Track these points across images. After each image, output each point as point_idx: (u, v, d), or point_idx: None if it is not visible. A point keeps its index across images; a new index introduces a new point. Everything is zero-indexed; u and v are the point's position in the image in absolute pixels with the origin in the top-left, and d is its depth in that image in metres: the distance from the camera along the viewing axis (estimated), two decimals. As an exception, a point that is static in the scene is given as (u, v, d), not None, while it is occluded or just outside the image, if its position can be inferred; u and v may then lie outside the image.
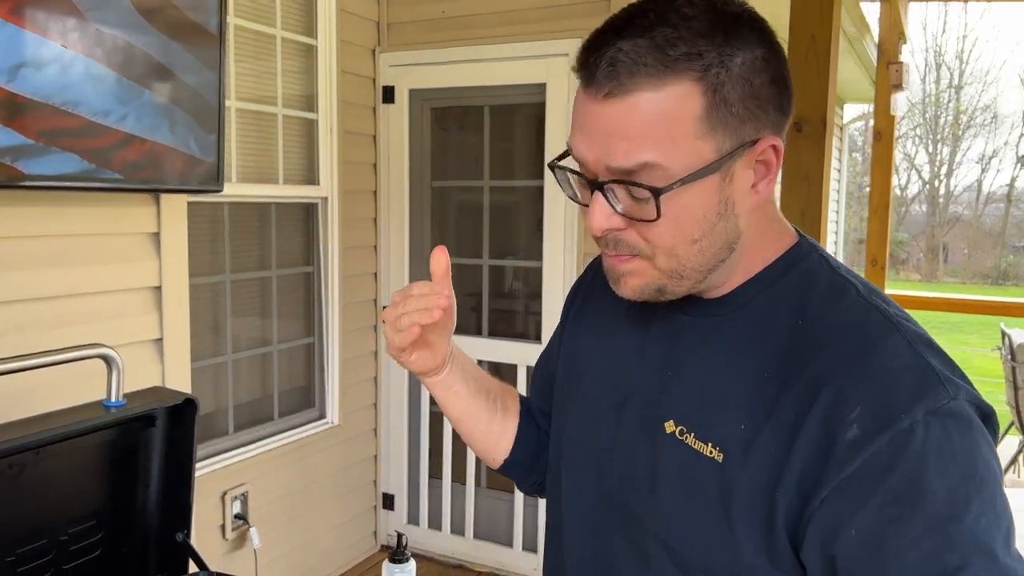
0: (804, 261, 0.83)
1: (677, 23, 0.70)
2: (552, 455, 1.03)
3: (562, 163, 0.81)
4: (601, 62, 0.71)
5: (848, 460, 0.69)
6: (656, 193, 0.72)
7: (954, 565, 0.66)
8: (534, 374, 1.16)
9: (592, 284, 1.03)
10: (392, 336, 0.92)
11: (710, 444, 0.78)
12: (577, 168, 0.78)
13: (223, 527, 2.73)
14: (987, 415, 0.73)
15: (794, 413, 0.73)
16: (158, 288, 2.20)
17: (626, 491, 0.86)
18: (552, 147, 3.08)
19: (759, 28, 0.74)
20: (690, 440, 0.80)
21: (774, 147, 0.76)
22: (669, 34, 0.70)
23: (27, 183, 1.72)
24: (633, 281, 0.80)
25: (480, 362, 3.33)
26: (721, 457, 0.77)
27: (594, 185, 0.75)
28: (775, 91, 0.75)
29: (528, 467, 1.11)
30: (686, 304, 0.85)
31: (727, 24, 0.71)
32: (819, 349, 0.75)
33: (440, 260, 0.91)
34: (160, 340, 2.21)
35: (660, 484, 0.82)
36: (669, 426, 0.82)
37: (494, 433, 1.08)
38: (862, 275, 0.91)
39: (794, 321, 0.78)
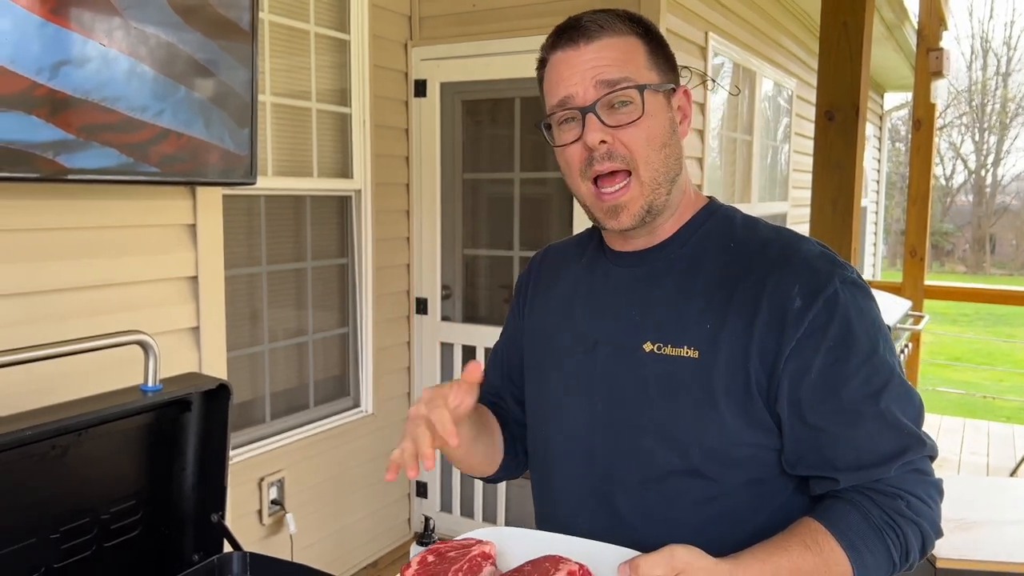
0: (720, 210, 1.12)
1: (613, 11, 1.06)
2: (532, 414, 1.21)
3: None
4: (579, 27, 1.03)
5: (799, 323, 0.96)
6: (641, 89, 1.01)
7: (879, 385, 0.97)
8: (495, 361, 1.32)
9: (539, 275, 1.26)
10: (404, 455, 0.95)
11: (685, 347, 1.02)
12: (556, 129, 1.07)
13: (260, 512, 2.80)
14: (868, 287, 1.03)
15: (747, 304, 0.99)
16: (194, 278, 2.27)
17: (615, 408, 1.07)
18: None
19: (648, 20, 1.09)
20: (668, 351, 1.03)
21: (686, 92, 1.10)
22: (615, 13, 1.05)
23: (68, 177, 1.78)
24: (632, 207, 1.03)
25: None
26: (696, 354, 1.01)
27: (585, 111, 1.02)
28: (674, 58, 1.09)
29: (512, 464, 1.27)
30: (634, 261, 1.11)
31: (636, 14, 1.08)
32: (755, 258, 1.03)
33: (473, 371, 1.00)
34: (197, 328, 2.28)
35: (649, 391, 1.03)
36: (647, 346, 1.05)
37: (488, 457, 1.23)
38: (901, 266, 1.16)
39: (725, 246, 1.07)
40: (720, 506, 1.02)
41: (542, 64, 1.09)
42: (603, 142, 1.01)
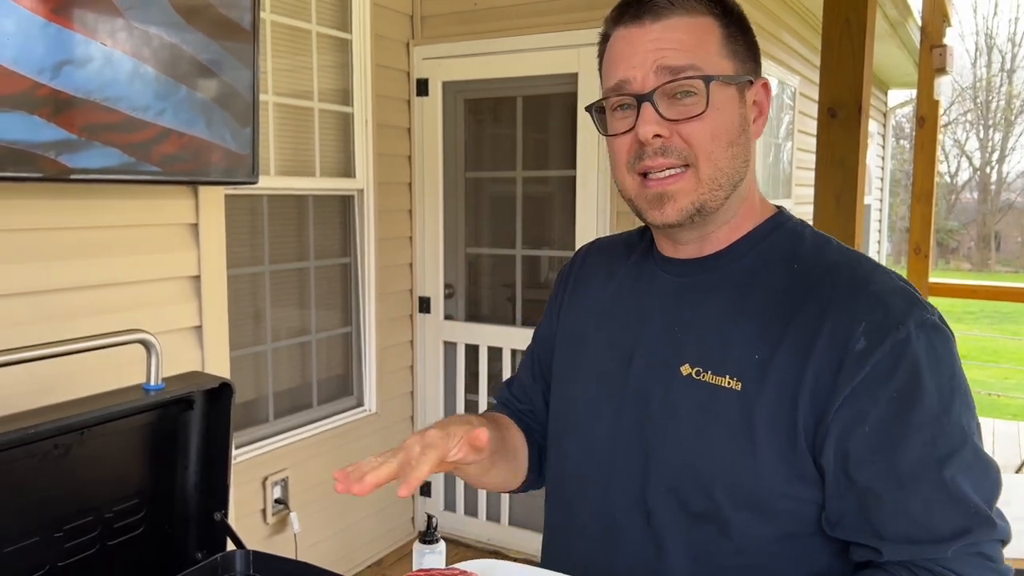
0: (787, 223, 0.99)
1: None
2: (554, 421, 1.11)
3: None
4: (647, 0, 0.91)
5: (860, 366, 0.83)
6: (707, 81, 0.88)
7: (947, 451, 0.82)
8: (527, 362, 1.22)
9: (581, 268, 1.15)
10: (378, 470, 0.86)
11: (727, 377, 0.89)
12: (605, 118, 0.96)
13: (264, 511, 2.80)
14: (952, 334, 0.88)
15: (804, 336, 0.86)
16: (197, 277, 2.27)
17: (642, 432, 0.96)
18: (584, 136, 3.09)
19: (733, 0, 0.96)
20: (707, 377, 0.91)
21: (764, 85, 0.97)
22: None
23: (70, 177, 1.78)
24: (681, 201, 0.91)
25: (513, 351, 3.36)
26: (739, 386, 0.88)
27: (642, 98, 0.90)
28: (756, 45, 0.97)
29: (536, 480, 1.18)
30: (684, 268, 0.99)
31: None
32: (819, 284, 0.89)
33: (481, 438, 0.89)
34: (199, 327, 2.28)
35: (680, 420, 0.92)
36: (685, 368, 0.93)
37: (510, 475, 1.13)
38: (906, 264, 1.04)
39: (788, 265, 0.93)
40: (746, 559, 0.90)
41: (604, 39, 0.97)
42: (658, 136, 0.89)
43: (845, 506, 0.85)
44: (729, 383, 0.89)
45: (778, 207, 1.02)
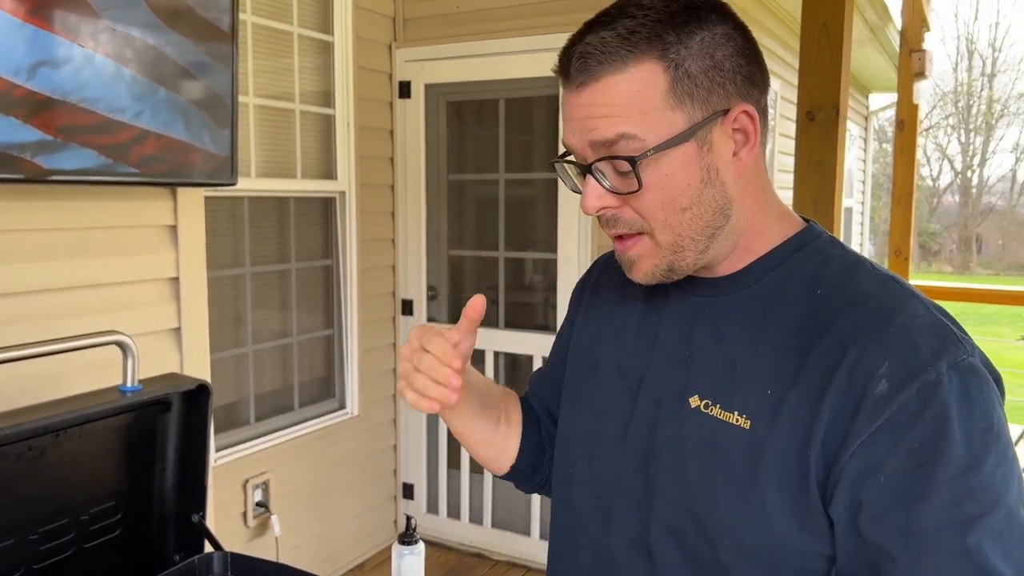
0: (815, 241, 0.87)
1: (636, 14, 0.79)
2: (560, 449, 1.03)
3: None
4: (573, 58, 0.80)
5: (878, 412, 0.73)
6: (632, 161, 0.78)
7: (972, 513, 0.71)
8: (539, 379, 1.16)
9: (599, 280, 1.06)
10: (410, 397, 0.89)
11: (736, 413, 0.81)
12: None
13: (245, 515, 2.79)
14: (996, 377, 0.77)
15: (820, 373, 0.77)
16: (176, 279, 2.26)
17: (647, 468, 0.88)
18: (566, 139, 3.10)
19: (719, 9, 0.81)
20: (715, 412, 0.83)
21: (747, 113, 0.81)
22: (629, 23, 0.78)
23: (47, 178, 1.77)
24: (644, 265, 0.85)
25: (496, 353, 3.37)
26: (748, 424, 0.80)
27: (584, 169, 0.82)
28: (741, 62, 0.81)
29: (531, 472, 1.12)
30: (699, 287, 0.89)
31: (683, 7, 0.79)
32: (841, 314, 0.79)
33: (476, 307, 0.89)
34: (178, 329, 2.27)
35: (685, 456, 0.84)
36: (694, 401, 0.85)
37: (497, 446, 1.08)
38: (886, 266, 0.92)
39: (811, 292, 0.82)
40: None
41: None
42: (606, 207, 0.83)
43: (855, 564, 0.76)
44: (738, 420, 0.81)
45: (807, 221, 0.91)
